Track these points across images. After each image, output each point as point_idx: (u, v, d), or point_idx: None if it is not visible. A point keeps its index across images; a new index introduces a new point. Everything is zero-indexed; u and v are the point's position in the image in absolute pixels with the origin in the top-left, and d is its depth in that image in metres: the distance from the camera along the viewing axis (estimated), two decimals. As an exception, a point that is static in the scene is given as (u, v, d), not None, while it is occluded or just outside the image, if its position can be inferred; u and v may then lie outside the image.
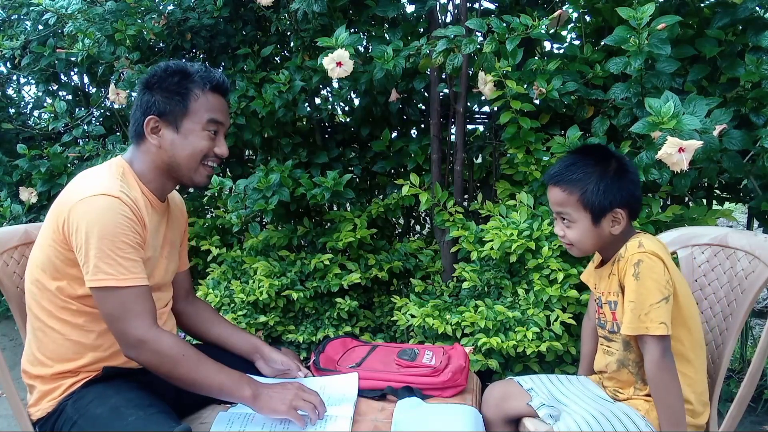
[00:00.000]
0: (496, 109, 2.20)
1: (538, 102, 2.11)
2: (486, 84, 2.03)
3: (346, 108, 2.74)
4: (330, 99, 2.67)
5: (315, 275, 2.44)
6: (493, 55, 1.98)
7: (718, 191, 2.37)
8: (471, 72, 2.21)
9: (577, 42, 2.43)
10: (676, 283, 1.31)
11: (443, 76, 2.33)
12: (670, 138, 1.53)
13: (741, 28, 1.99)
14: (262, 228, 2.64)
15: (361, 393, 1.51)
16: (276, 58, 2.72)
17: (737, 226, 2.71)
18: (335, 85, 2.55)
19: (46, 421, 1.34)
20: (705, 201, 2.34)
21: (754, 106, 1.89)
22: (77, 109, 2.96)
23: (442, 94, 2.37)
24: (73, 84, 3.24)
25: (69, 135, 2.79)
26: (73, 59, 2.66)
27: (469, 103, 2.37)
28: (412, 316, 2.14)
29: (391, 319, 2.40)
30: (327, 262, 2.40)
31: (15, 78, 3.28)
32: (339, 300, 2.42)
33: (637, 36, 1.72)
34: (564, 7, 2.26)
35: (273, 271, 2.41)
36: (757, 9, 1.88)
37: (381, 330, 2.52)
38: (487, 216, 2.22)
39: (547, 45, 2.50)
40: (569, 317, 1.96)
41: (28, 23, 2.93)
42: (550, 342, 1.95)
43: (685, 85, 1.94)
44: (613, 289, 1.38)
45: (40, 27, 2.87)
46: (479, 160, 2.58)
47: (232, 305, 2.41)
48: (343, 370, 1.62)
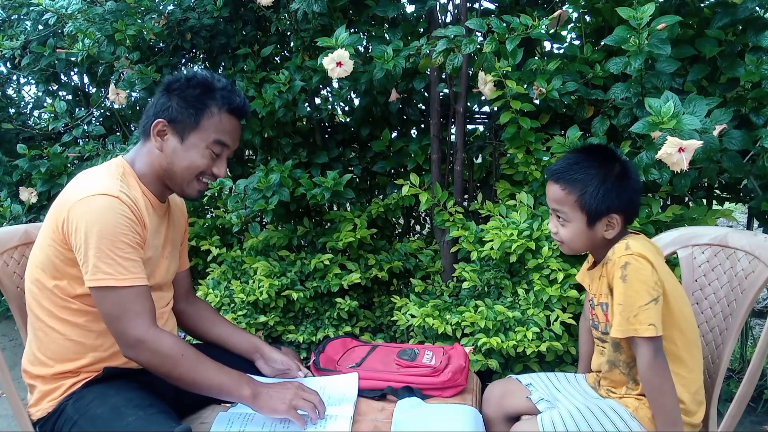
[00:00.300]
0: (496, 109, 2.20)
1: (538, 102, 2.11)
2: (486, 84, 2.03)
3: (346, 108, 2.74)
4: (330, 99, 2.67)
5: (315, 275, 2.44)
6: (493, 55, 1.98)
7: (718, 191, 2.37)
8: (471, 72, 2.21)
9: (577, 42, 2.43)
10: (667, 284, 1.29)
11: (443, 76, 2.33)
12: (670, 138, 1.53)
13: (741, 28, 1.99)
14: (262, 228, 2.64)
15: (361, 393, 1.51)
16: (276, 58, 2.72)
17: (737, 226, 2.71)
18: (335, 85, 2.54)
19: (47, 421, 1.34)
20: (705, 201, 2.34)
21: (754, 106, 1.89)
22: (77, 109, 2.96)
23: (442, 94, 2.37)
24: (73, 84, 3.24)
25: (69, 135, 2.79)
26: (73, 59, 2.66)
27: (469, 103, 2.37)
28: (412, 316, 2.14)
29: (391, 319, 2.40)
30: (327, 262, 2.41)
31: (15, 78, 3.28)
32: (339, 300, 2.42)
33: (637, 36, 1.72)
34: (564, 7, 2.26)
35: (273, 271, 2.41)
36: (757, 9, 1.88)
37: (381, 330, 2.52)
38: (487, 216, 2.23)
39: (547, 45, 2.50)
40: (569, 317, 1.96)
41: (28, 23, 2.93)
42: (550, 342, 1.95)
43: (685, 85, 1.94)
44: (603, 291, 1.36)
45: (40, 27, 2.87)
46: (479, 160, 2.57)
47: (232, 305, 2.41)
48: (343, 370, 1.62)
